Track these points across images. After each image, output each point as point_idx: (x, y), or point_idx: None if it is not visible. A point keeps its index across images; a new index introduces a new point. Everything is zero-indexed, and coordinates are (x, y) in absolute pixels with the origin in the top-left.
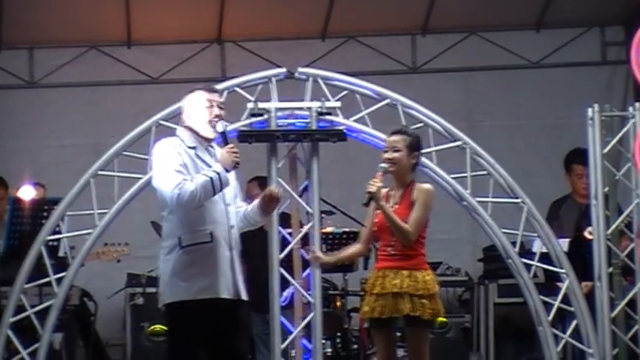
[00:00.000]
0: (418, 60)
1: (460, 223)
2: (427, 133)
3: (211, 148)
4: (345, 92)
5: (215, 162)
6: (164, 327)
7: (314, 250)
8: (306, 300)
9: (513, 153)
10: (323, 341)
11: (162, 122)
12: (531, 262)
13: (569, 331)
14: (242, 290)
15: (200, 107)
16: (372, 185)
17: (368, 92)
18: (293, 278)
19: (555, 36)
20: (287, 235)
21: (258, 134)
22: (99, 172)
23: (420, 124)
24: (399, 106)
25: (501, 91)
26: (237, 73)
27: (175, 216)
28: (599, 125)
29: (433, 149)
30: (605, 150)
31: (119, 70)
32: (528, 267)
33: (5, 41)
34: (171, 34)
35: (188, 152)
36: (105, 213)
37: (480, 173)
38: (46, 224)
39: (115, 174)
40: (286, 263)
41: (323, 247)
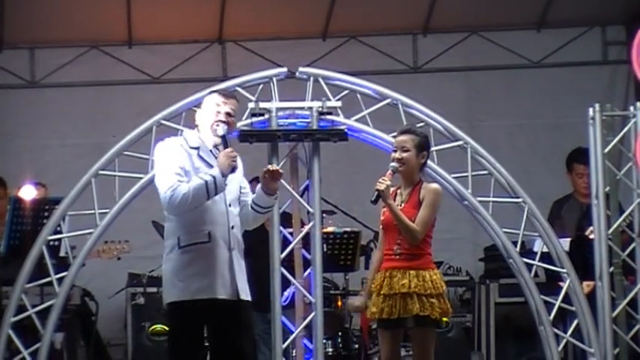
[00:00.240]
0: (419, 60)
1: (461, 223)
2: (428, 133)
3: (216, 150)
4: (346, 92)
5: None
6: (165, 327)
7: (354, 305)
8: (307, 300)
9: (514, 152)
10: (324, 341)
11: (163, 122)
12: (532, 262)
13: (570, 331)
14: (243, 291)
15: (209, 110)
16: (381, 183)
17: (369, 92)
18: (294, 278)
19: (556, 36)
20: (288, 235)
21: (259, 134)
22: (100, 172)
23: (421, 124)
24: (400, 106)
25: (502, 91)
26: (238, 73)
27: (175, 216)
28: (600, 125)
29: (434, 149)
30: (606, 149)
31: (120, 70)
32: (529, 266)
33: (7, 41)
34: (172, 34)
35: (189, 152)
36: (106, 213)
37: (481, 173)
38: (48, 224)
39: (116, 174)
40: (287, 263)
41: (324, 247)
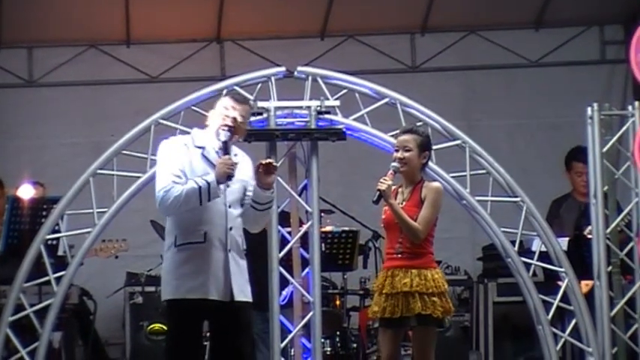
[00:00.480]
0: (417, 59)
1: (459, 222)
2: (429, 133)
3: (221, 152)
4: (345, 91)
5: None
6: (163, 326)
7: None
8: (305, 299)
9: (513, 152)
10: (322, 340)
11: (161, 121)
12: (530, 261)
13: (568, 330)
14: (240, 292)
15: (218, 113)
16: (383, 183)
17: (367, 91)
18: (292, 277)
19: (555, 35)
20: (286, 234)
21: (257, 133)
22: (98, 171)
23: (420, 123)
24: (399, 105)
25: (501, 90)
26: (236, 72)
27: (168, 216)
28: (598, 124)
29: (433, 148)
30: (604, 149)
31: (118, 69)
32: (528, 266)
33: (4, 40)
34: (170, 33)
35: (193, 151)
36: (104, 212)
37: (480, 172)
38: (46, 223)
39: (115, 173)
40: (286, 262)
41: (322, 246)
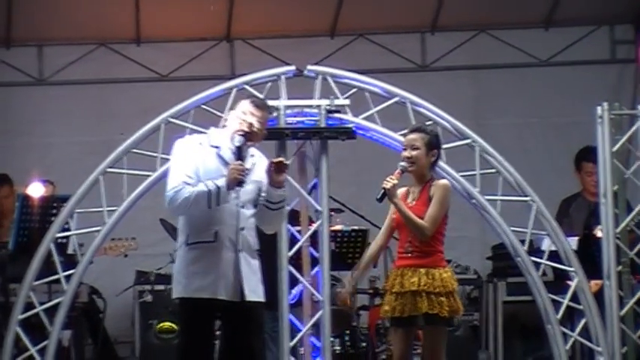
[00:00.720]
0: (427, 58)
1: (469, 222)
2: (438, 132)
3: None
4: (354, 90)
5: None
6: (172, 324)
7: (342, 294)
8: (315, 298)
9: (522, 151)
10: (332, 339)
11: (171, 120)
12: (540, 261)
13: (577, 330)
14: (252, 292)
15: (236, 116)
16: (388, 182)
17: (377, 90)
18: (302, 276)
19: (564, 34)
20: (296, 233)
21: (267, 132)
22: (108, 170)
23: (430, 122)
24: (408, 104)
25: (510, 89)
26: (246, 71)
27: (177, 216)
28: (608, 123)
29: (442, 147)
30: (614, 148)
31: (128, 68)
32: (537, 265)
33: (15, 38)
34: (180, 32)
35: (208, 150)
36: (114, 210)
37: (489, 171)
38: (55, 221)
39: (124, 171)
40: (295, 261)
41: (332, 245)
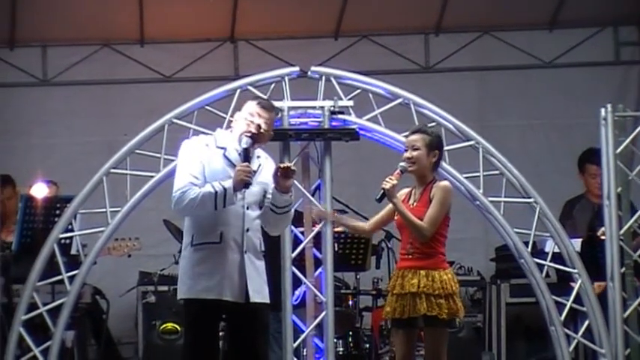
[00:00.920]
0: (431, 59)
1: (472, 223)
2: (440, 133)
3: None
4: (358, 91)
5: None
6: (176, 325)
7: (321, 210)
8: (318, 299)
9: (526, 153)
10: (335, 340)
11: (174, 121)
12: (543, 262)
13: (581, 331)
14: (257, 293)
15: (243, 117)
16: (388, 182)
17: (381, 91)
18: (305, 277)
19: (568, 36)
20: (299, 234)
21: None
22: (111, 170)
23: (433, 124)
24: (412, 106)
25: (514, 91)
26: (250, 72)
27: (184, 217)
28: (612, 125)
29: (446, 148)
30: (618, 150)
31: (132, 69)
32: (541, 267)
33: (19, 39)
34: (184, 33)
35: (214, 151)
36: (117, 211)
37: (493, 173)
38: (59, 222)
39: (128, 172)
40: (298, 262)
41: (335, 246)
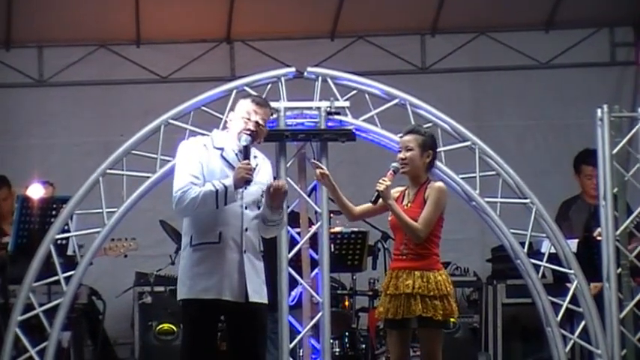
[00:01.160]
0: (427, 60)
1: (469, 224)
2: (436, 133)
3: (240, 154)
4: (354, 92)
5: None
6: (172, 326)
7: (320, 167)
8: (314, 299)
9: (522, 153)
10: (331, 341)
11: (171, 121)
12: (540, 263)
13: (577, 332)
14: (256, 293)
15: (239, 116)
16: (381, 184)
17: (377, 92)
18: (301, 278)
19: (565, 36)
20: (295, 235)
21: (268, 130)
22: (108, 171)
23: (429, 124)
24: (408, 106)
25: (510, 92)
26: (246, 73)
27: (185, 217)
28: (608, 126)
29: (442, 149)
30: (614, 151)
31: (128, 69)
32: (537, 267)
33: (15, 39)
34: (180, 33)
35: (212, 152)
36: (113, 212)
37: (489, 173)
38: (55, 223)
39: (124, 173)
40: (295, 263)
41: (331, 247)
